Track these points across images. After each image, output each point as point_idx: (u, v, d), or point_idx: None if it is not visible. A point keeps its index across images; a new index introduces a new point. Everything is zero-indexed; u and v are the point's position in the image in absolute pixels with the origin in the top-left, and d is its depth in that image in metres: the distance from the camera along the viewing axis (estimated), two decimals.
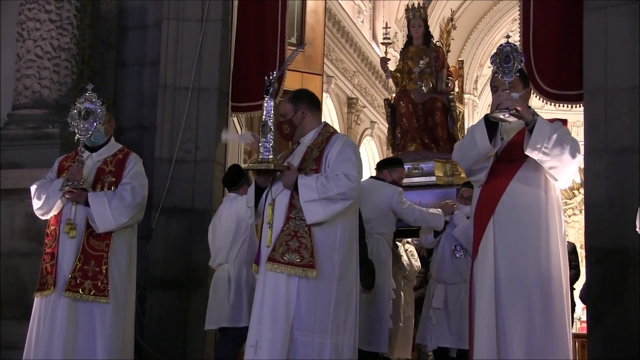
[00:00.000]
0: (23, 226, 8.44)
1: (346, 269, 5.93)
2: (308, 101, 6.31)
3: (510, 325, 5.57)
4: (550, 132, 5.49)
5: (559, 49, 8.73)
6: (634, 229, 7.53)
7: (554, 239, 5.69)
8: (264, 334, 5.84)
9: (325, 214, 5.83)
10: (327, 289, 5.84)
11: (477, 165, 5.86)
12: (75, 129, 6.94)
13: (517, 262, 5.63)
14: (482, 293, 5.69)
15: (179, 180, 8.87)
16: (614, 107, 7.88)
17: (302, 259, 5.81)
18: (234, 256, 8.18)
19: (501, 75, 5.66)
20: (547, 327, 5.58)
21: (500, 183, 5.77)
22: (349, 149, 6.00)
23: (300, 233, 5.86)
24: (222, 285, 8.12)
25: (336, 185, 5.79)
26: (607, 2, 8.19)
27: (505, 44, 5.75)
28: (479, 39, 25.67)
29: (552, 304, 5.61)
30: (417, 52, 12.32)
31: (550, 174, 5.63)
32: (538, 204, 5.71)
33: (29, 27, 9.07)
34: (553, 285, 5.63)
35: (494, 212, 5.74)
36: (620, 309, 7.65)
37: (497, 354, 5.54)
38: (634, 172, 7.75)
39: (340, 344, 5.82)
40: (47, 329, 6.67)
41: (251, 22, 9.77)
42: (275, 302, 5.86)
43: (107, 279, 6.73)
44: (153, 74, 9.44)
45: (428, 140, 11.90)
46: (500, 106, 5.55)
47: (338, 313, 5.84)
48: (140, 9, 9.67)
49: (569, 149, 5.52)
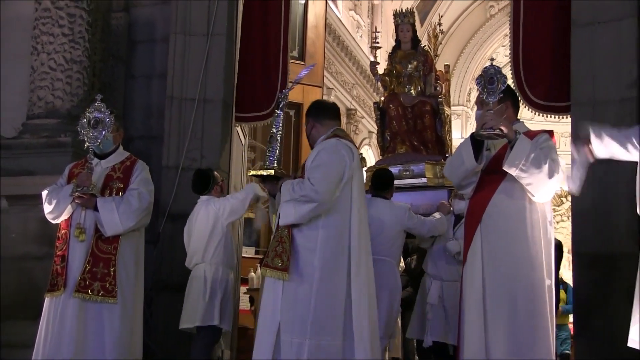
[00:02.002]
0: (36, 230, 8.44)
1: (330, 272, 5.87)
2: (315, 113, 6.37)
3: (495, 327, 5.58)
4: (528, 151, 5.51)
5: (548, 63, 8.73)
6: (619, 235, 7.55)
7: (537, 246, 5.68)
8: (257, 334, 5.96)
9: (295, 216, 5.88)
10: (305, 291, 5.83)
11: (465, 180, 5.92)
12: (85, 137, 6.95)
13: (501, 267, 5.64)
14: (470, 296, 5.72)
15: (185, 187, 8.85)
16: (601, 119, 7.85)
17: (282, 263, 5.86)
18: (210, 256, 8.13)
19: (485, 96, 5.69)
20: (529, 330, 5.59)
21: (486, 194, 5.80)
22: (321, 155, 6.01)
23: (283, 239, 5.93)
24: (198, 284, 8.07)
25: (300, 189, 5.86)
26: (595, 19, 8.20)
27: (490, 66, 5.76)
28: (472, 53, 25.77)
29: (535, 308, 5.62)
30: (405, 56, 12.36)
31: (527, 189, 5.64)
32: (522, 213, 5.70)
33: (43, 41, 9.07)
34: (536, 290, 5.63)
35: (481, 221, 5.76)
36: (606, 312, 7.63)
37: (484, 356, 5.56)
38: (619, 180, 7.73)
39: (323, 344, 5.77)
40: (57, 328, 6.68)
41: (254, 36, 9.77)
42: (265, 305, 5.98)
43: (115, 280, 6.73)
44: (161, 86, 9.43)
45: (417, 142, 11.93)
46: (485, 125, 5.60)
47: (318, 314, 5.79)
48: (148, 23, 9.68)
49: (546, 168, 5.52)
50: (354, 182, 6.05)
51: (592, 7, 8.23)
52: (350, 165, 6.01)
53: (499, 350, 5.53)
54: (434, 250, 8.95)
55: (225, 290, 8.12)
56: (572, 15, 8.36)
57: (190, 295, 8.12)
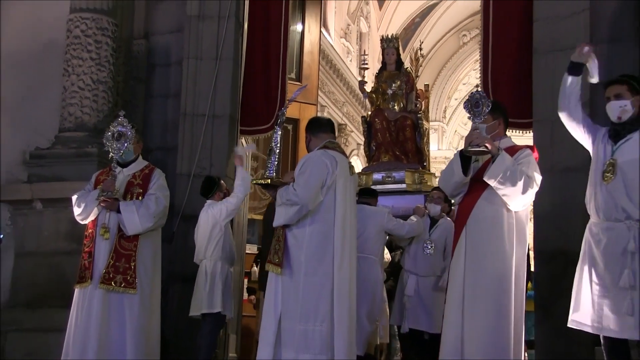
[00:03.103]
0: (66, 230, 8.44)
1: (315, 266, 5.92)
2: (310, 128, 6.48)
3: (472, 308, 5.66)
4: (506, 168, 5.59)
5: (513, 85, 8.76)
6: (574, 235, 7.54)
7: (511, 246, 5.74)
8: (262, 322, 6.02)
9: (284, 218, 5.96)
10: (294, 283, 5.91)
11: (456, 190, 6.03)
12: (109, 148, 6.99)
13: (481, 262, 5.71)
14: (453, 286, 5.82)
15: (196, 191, 8.82)
16: (559, 134, 7.85)
17: (278, 259, 5.94)
18: (210, 253, 8.14)
19: (472, 118, 5.78)
20: (499, 313, 5.65)
21: (471, 200, 5.87)
22: (303, 165, 6.09)
23: (279, 238, 6.01)
24: (201, 277, 8.11)
25: (285, 194, 5.94)
26: (553, 47, 8.23)
27: (476, 92, 5.87)
28: (447, 75, 25.84)
29: (504, 296, 5.67)
30: (390, 76, 12.43)
31: (503, 199, 5.70)
32: (500, 218, 5.76)
33: (74, 64, 9.07)
34: (506, 281, 5.68)
35: (466, 223, 5.83)
36: (564, 302, 7.63)
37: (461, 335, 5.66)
38: (575, 188, 7.72)
39: (310, 330, 5.83)
40: (85, 315, 6.71)
41: (257, 60, 9.79)
42: (269, 296, 6.04)
43: (135, 274, 6.77)
44: (175, 104, 9.43)
45: (399, 152, 11.98)
46: (472, 143, 5.67)
47: (306, 303, 5.86)
48: (165, 49, 9.67)
49: (520, 184, 5.60)
50: (338, 188, 6.07)
51: (550, 37, 8.26)
52: (332, 172, 6.04)
53: (475, 330, 5.62)
54: (411, 248, 8.96)
55: (225, 282, 8.13)
56: (534, 44, 8.40)
57: (196, 287, 8.16)
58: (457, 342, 5.65)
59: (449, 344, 5.72)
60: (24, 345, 8.25)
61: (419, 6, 23.45)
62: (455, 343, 5.67)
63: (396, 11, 23.21)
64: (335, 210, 6.06)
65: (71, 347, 6.71)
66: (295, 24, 12.25)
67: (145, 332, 6.82)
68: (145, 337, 6.83)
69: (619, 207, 5.32)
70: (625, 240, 5.26)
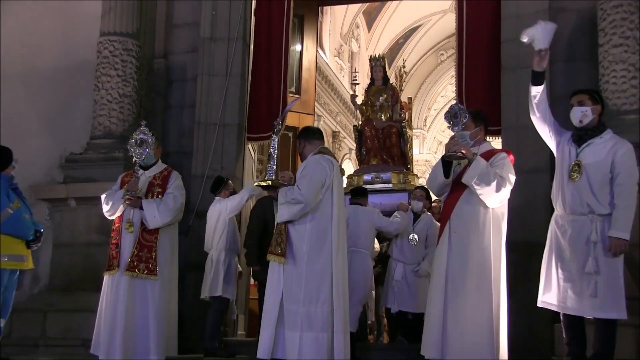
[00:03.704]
0: (97, 224, 8.41)
1: (315, 256, 5.93)
2: (305, 135, 6.43)
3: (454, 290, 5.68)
4: (480, 171, 5.62)
5: (484, 97, 8.71)
6: (538, 228, 7.53)
7: (488, 240, 5.75)
8: (265, 306, 5.99)
9: (288, 215, 5.95)
10: (298, 270, 5.90)
11: (441, 191, 6.08)
12: (133, 154, 6.99)
13: (461, 252, 5.73)
14: (438, 273, 5.83)
15: (209, 190, 8.81)
16: (524, 140, 7.87)
17: (280, 250, 5.93)
18: (216, 244, 8.10)
19: (451, 127, 5.84)
20: (477, 295, 5.66)
21: (453, 199, 5.89)
22: (305, 168, 6.09)
23: (281, 232, 5.98)
24: (208, 265, 8.08)
25: (290, 193, 5.93)
26: (519, 65, 8.19)
27: (455, 105, 6.00)
28: (427, 89, 25.85)
29: (481, 281, 5.69)
30: (378, 90, 12.44)
31: (480, 198, 5.70)
32: (478, 214, 5.77)
33: (103, 81, 9.05)
34: (488, 268, 5.70)
35: (450, 218, 5.84)
36: (528, 285, 7.62)
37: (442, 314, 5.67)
38: (539, 186, 7.78)
39: (312, 311, 5.83)
40: (113, 298, 6.73)
41: (262, 76, 9.73)
42: (271, 282, 5.99)
43: (156, 262, 6.78)
44: (190, 114, 9.38)
45: (386, 156, 11.98)
46: (451, 150, 5.74)
47: (309, 288, 5.86)
48: (181, 67, 9.64)
49: (494, 184, 5.62)
50: (334, 188, 6.09)
51: (516, 56, 8.20)
52: (330, 174, 6.07)
53: (458, 309, 5.63)
54: (397, 240, 8.96)
55: (228, 269, 8.08)
56: (502, 62, 8.38)
57: (204, 273, 8.14)
58: (440, 321, 5.66)
59: (434, 324, 5.71)
60: (61, 323, 8.24)
61: (402, 29, 23.45)
62: (439, 323, 5.67)
63: (383, 33, 23.20)
64: (332, 208, 6.08)
65: (102, 325, 6.74)
66: (294, 44, 12.19)
67: (165, 312, 6.83)
68: (165, 317, 6.83)
69: (584, 202, 5.42)
70: (588, 231, 5.37)
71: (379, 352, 8.50)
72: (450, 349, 5.58)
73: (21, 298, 8.66)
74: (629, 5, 7.53)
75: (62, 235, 8.84)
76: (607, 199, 5.37)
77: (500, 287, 5.77)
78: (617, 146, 5.45)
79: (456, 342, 5.57)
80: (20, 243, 6.62)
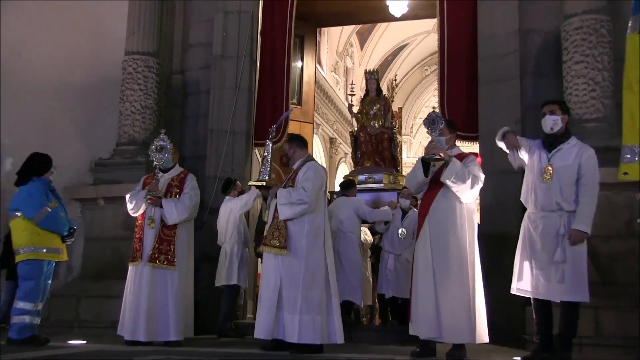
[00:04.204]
0: (122, 220, 8.43)
1: (312, 251, 6.00)
2: (297, 142, 6.48)
3: (440, 278, 5.70)
4: (456, 170, 5.71)
5: (463, 107, 8.74)
6: (509, 222, 7.54)
7: (463, 231, 5.81)
8: (263, 291, 6.03)
9: (290, 213, 5.99)
10: (298, 262, 5.94)
11: (419, 189, 6.09)
12: (153, 158, 6.99)
13: (440, 243, 5.77)
14: (421, 262, 5.83)
15: (220, 191, 8.84)
16: (497, 146, 7.86)
17: (279, 243, 5.95)
18: (228, 238, 8.21)
19: (430, 132, 5.96)
20: (457, 280, 5.71)
21: (431, 195, 5.93)
22: (310, 172, 6.13)
23: (280, 226, 6.00)
24: (222, 257, 8.19)
25: (296, 194, 5.97)
26: (493, 79, 8.25)
27: (432, 112, 6.11)
28: (413, 100, 25.86)
29: (461, 268, 5.73)
30: (371, 101, 12.43)
31: (456, 194, 5.77)
32: (454, 208, 5.84)
33: (127, 94, 9.08)
34: (462, 257, 5.75)
35: (428, 213, 5.89)
36: (501, 273, 7.62)
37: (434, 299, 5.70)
38: (510, 186, 7.75)
39: (309, 296, 5.88)
40: (137, 286, 6.72)
41: (266, 89, 9.75)
42: (269, 271, 6.02)
43: (174, 254, 6.76)
44: (204, 123, 9.39)
45: (378, 159, 11.97)
46: (430, 152, 5.83)
47: (306, 277, 5.91)
48: (196, 81, 9.64)
49: (469, 182, 5.71)
50: (325, 191, 6.27)
51: (491, 71, 8.27)
52: (326, 180, 6.25)
53: (445, 293, 5.67)
54: (388, 233, 8.99)
55: (240, 260, 8.17)
56: (479, 76, 8.41)
57: (218, 264, 8.24)
58: (434, 305, 5.67)
59: (428, 307, 5.70)
60: (92, 308, 8.25)
61: (391, 47, 23.46)
62: (433, 306, 5.68)
63: (374, 51, 23.21)
64: (324, 208, 6.22)
65: (127, 310, 6.71)
66: (296, 61, 12.21)
67: (182, 298, 6.81)
68: (183, 302, 6.82)
69: (553, 201, 5.49)
70: (557, 225, 5.43)
71: (374, 333, 8.49)
72: (444, 328, 5.62)
73: (57, 286, 8.70)
74: (588, 27, 7.60)
75: (92, 230, 8.88)
76: (573, 197, 5.43)
77: (475, 273, 5.80)
78: (582, 151, 5.52)
79: (449, 322, 5.61)
80: (57, 238, 6.64)
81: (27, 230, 6.50)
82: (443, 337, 5.65)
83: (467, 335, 5.61)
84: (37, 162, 6.77)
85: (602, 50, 7.51)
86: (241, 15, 9.49)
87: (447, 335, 5.64)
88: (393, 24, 20.43)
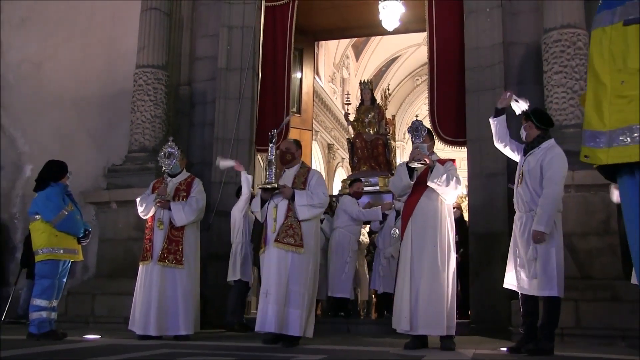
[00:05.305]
0: (134, 222, 8.43)
1: (317, 250, 6.17)
2: (299, 146, 6.58)
3: (419, 274, 5.72)
4: (441, 173, 5.74)
5: (451, 114, 8.76)
6: (497, 221, 7.54)
7: (444, 230, 5.84)
8: (272, 286, 5.92)
9: (310, 214, 6.02)
10: (308, 260, 5.98)
11: (403, 192, 6.07)
12: (162, 164, 6.97)
13: (422, 242, 5.78)
14: (404, 260, 5.85)
15: (226, 194, 8.86)
16: (485, 149, 7.92)
17: (295, 241, 5.94)
18: (235, 237, 8.22)
19: (413, 139, 5.97)
20: (437, 276, 5.70)
21: (415, 197, 5.94)
22: (320, 179, 6.28)
23: (294, 225, 6.00)
24: (231, 255, 8.21)
25: (318, 198, 6.03)
26: (479, 88, 8.26)
27: (415, 120, 6.10)
28: (405, 109, 25.78)
29: (440, 265, 5.73)
30: (366, 109, 12.49)
31: (441, 196, 5.83)
32: (436, 209, 5.87)
33: (138, 105, 9.07)
34: (442, 255, 5.76)
35: (412, 215, 5.90)
36: (489, 269, 7.64)
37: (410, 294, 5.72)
38: (498, 187, 7.82)
39: (312, 293, 5.99)
40: (147, 284, 6.69)
41: (268, 98, 9.77)
42: (280, 267, 5.95)
43: (182, 254, 6.72)
44: (210, 131, 9.39)
45: (374, 164, 12.04)
46: (415, 158, 5.86)
47: (313, 275, 6.03)
48: (202, 92, 9.65)
49: (452, 184, 5.75)
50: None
51: (477, 81, 8.29)
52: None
53: (423, 286, 5.67)
54: (382, 232, 9.00)
55: (245, 257, 8.15)
56: (466, 86, 8.43)
57: (229, 262, 8.20)
58: (409, 299, 5.69)
59: (404, 301, 5.73)
60: (106, 304, 8.23)
61: (384, 59, 23.47)
62: (407, 300, 5.69)
63: (368, 62, 23.21)
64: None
65: (137, 306, 6.68)
66: (295, 72, 12.22)
67: (191, 295, 6.77)
68: (191, 299, 6.79)
69: (525, 202, 5.53)
70: (530, 225, 5.41)
71: (369, 326, 8.49)
72: (420, 323, 5.62)
73: (74, 284, 8.71)
74: (566, 40, 7.64)
75: (106, 232, 8.86)
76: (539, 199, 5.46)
77: (450, 266, 5.79)
78: (547, 153, 5.49)
79: (425, 316, 5.62)
80: (73, 239, 6.65)
81: (45, 232, 6.52)
82: (419, 331, 5.64)
83: (442, 329, 5.62)
84: (54, 169, 6.81)
85: (579, 62, 7.54)
86: (244, 30, 9.51)
87: (423, 329, 5.64)
88: (386, 37, 20.39)
